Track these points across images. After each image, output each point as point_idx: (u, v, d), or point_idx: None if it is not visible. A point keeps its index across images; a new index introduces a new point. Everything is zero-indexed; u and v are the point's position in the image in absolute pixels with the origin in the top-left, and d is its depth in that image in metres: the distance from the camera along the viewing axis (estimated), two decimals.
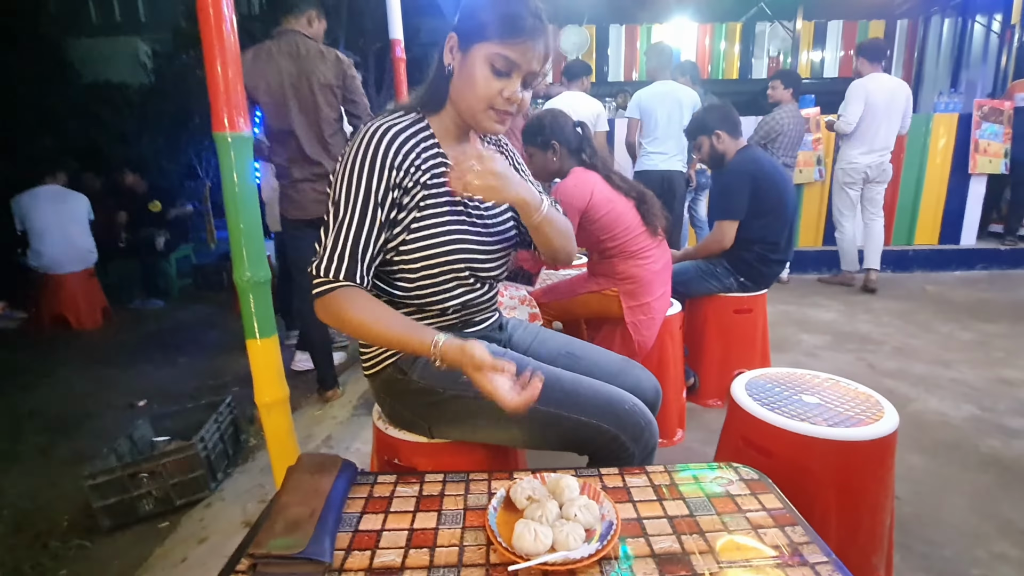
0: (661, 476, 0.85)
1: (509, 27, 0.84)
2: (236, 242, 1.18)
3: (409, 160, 0.89)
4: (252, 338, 1.20)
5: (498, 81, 0.86)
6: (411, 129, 0.91)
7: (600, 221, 1.68)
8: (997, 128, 4.30)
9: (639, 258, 1.72)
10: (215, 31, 1.07)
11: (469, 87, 0.87)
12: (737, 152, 2.13)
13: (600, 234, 1.71)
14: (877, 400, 1.10)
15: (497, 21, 0.85)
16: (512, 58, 0.85)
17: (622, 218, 1.69)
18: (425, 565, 0.67)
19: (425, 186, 0.91)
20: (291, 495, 0.74)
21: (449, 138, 0.96)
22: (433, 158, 0.93)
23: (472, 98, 0.88)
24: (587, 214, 1.68)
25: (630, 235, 1.71)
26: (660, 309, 1.76)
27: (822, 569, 0.66)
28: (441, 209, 0.92)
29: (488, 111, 0.89)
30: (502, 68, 0.86)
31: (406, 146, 0.89)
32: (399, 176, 0.88)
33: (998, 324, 3.10)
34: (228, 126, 1.10)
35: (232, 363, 2.98)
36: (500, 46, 0.85)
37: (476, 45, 0.86)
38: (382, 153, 0.86)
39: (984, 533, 1.44)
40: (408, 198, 0.90)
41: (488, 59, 0.85)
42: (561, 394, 0.94)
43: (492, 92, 0.87)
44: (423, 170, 0.91)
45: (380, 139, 0.87)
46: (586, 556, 0.65)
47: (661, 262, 1.77)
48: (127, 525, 1.64)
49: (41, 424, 2.36)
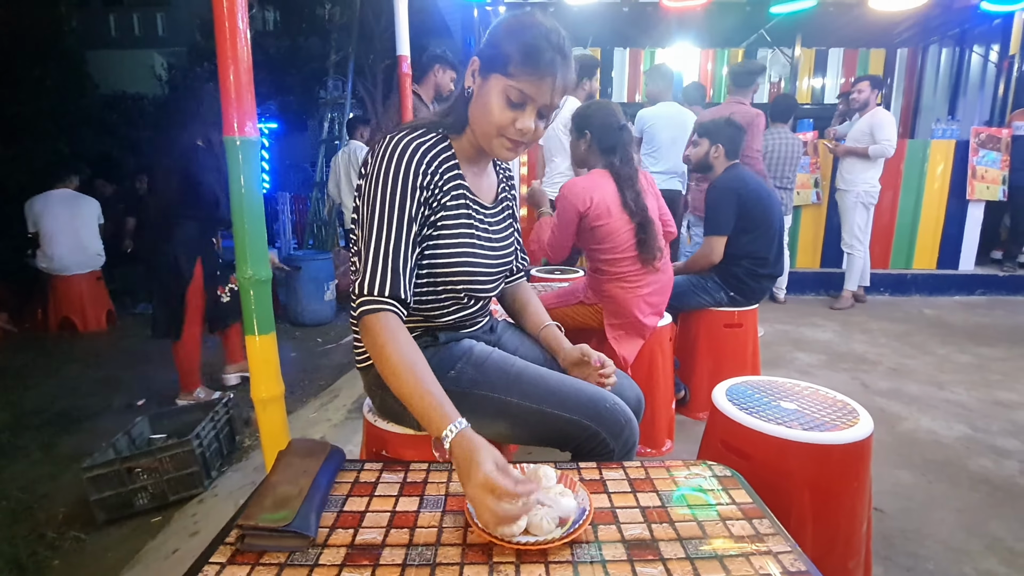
0: (637, 471, 0.88)
1: (526, 61, 0.84)
2: (240, 241, 1.22)
3: (433, 180, 0.90)
4: (251, 335, 1.24)
5: (512, 112, 0.87)
6: (436, 148, 0.92)
7: (594, 231, 1.70)
8: (995, 155, 4.36)
9: (624, 281, 1.72)
10: (229, 41, 1.13)
11: (484, 114, 0.89)
12: (724, 170, 2.20)
13: (591, 243, 1.74)
14: (854, 407, 1.13)
15: (516, 53, 0.85)
16: (527, 92, 0.86)
17: (614, 236, 1.68)
18: (404, 543, 0.70)
19: (444, 207, 0.92)
20: (281, 475, 0.77)
21: (467, 161, 0.98)
22: (453, 180, 0.94)
23: (486, 124, 0.89)
24: (585, 218, 1.69)
25: (619, 255, 1.70)
26: (644, 328, 1.76)
27: (784, 558, 0.68)
28: (455, 232, 0.94)
29: (500, 138, 0.90)
30: (516, 100, 0.86)
31: (432, 165, 0.90)
32: (426, 194, 0.89)
33: (995, 348, 3.11)
34: (237, 130, 1.16)
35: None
36: (516, 79, 0.85)
37: (494, 74, 0.87)
38: (414, 170, 0.87)
39: (971, 550, 1.45)
40: (431, 215, 0.92)
41: (504, 90, 0.86)
42: (545, 391, 0.97)
43: (505, 122, 0.87)
44: (444, 191, 0.92)
45: (411, 155, 0.88)
46: (558, 538, 0.68)
47: (650, 287, 1.74)
48: (122, 519, 1.67)
49: (43, 421, 2.40)
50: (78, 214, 3.82)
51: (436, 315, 1.00)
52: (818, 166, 4.34)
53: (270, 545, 0.68)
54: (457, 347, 1.02)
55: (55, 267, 3.74)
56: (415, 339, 1.02)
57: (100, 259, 3.95)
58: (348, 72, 5.90)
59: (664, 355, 1.89)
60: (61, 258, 3.73)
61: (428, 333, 1.03)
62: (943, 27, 6.13)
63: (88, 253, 3.85)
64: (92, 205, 3.94)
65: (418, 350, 0.85)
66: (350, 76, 5.92)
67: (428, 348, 1.02)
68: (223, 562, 0.66)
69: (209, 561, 0.66)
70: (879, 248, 4.36)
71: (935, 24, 6.02)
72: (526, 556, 0.67)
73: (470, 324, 1.08)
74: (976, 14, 5.26)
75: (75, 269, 3.79)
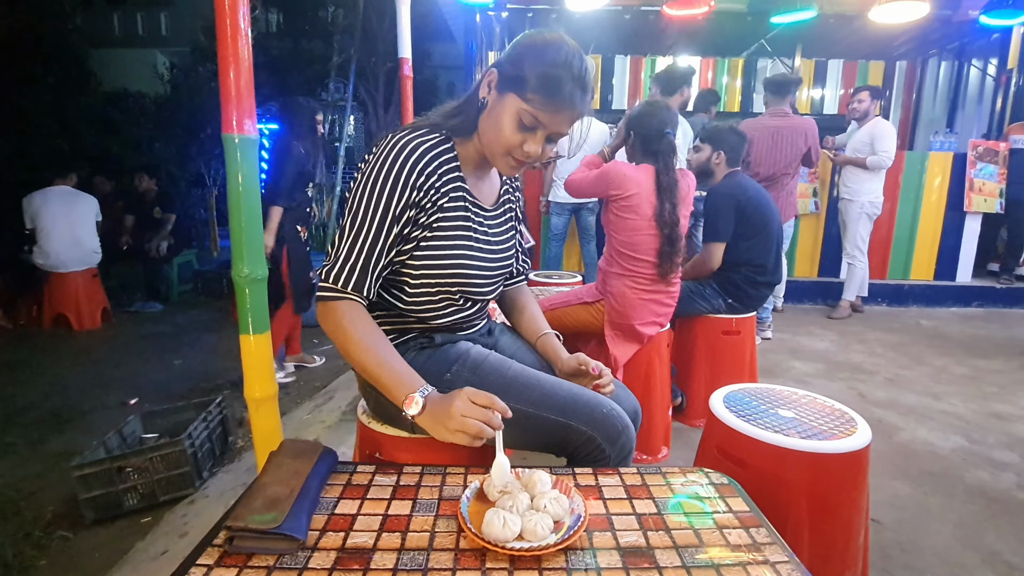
0: (633, 477, 0.87)
1: (546, 90, 0.84)
2: (236, 239, 1.22)
3: (430, 182, 0.89)
4: (246, 334, 1.23)
5: (521, 134, 0.87)
6: (437, 149, 0.91)
7: (621, 220, 1.71)
8: (992, 168, 4.38)
9: (634, 281, 1.74)
10: (231, 39, 1.13)
11: (493, 130, 0.89)
12: (724, 177, 2.20)
13: (615, 230, 1.75)
14: (852, 416, 1.12)
15: (536, 80, 0.84)
16: (541, 120, 0.86)
17: (638, 236, 1.70)
18: (396, 547, 0.69)
19: (441, 209, 0.92)
20: (271, 475, 0.76)
21: (471, 165, 0.98)
22: (453, 182, 0.93)
23: (494, 141, 0.89)
24: (614, 202, 1.71)
25: (638, 255, 1.71)
26: (641, 335, 1.77)
27: (782, 568, 0.67)
28: (452, 234, 0.94)
29: (506, 157, 0.90)
30: (529, 124, 0.86)
31: (430, 167, 0.89)
32: (418, 195, 0.88)
33: (992, 360, 3.11)
34: (236, 128, 1.16)
35: (226, 367, 3.00)
36: (532, 105, 0.85)
37: (511, 94, 0.86)
38: (407, 171, 0.87)
39: (968, 563, 1.44)
40: (424, 217, 0.91)
41: (518, 112, 0.86)
42: (541, 395, 0.96)
43: (514, 143, 0.88)
44: (442, 192, 0.91)
45: (408, 155, 0.87)
46: (551, 544, 0.67)
47: (656, 296, 1.75)
48: (111, 519, 1.65)
49: (35, 418, 2.38)
50: (75, 211, 3.81)
51: (432, 316, 0.99)
52: (817, 175, 4.35)
53: (259, 547, 0.66)
54: (453, 349, 1.01)
55: (51, 263, 3.72)
56: (410, 340, 1.01)
57: (97, 256, 3.93)
58: (350, 75, 5.91)
59: (661, 361, 1.88)
60: (57, 254, 3.71)
61: (424, 335, 1.02)
62: (942, 40, 6.18)
63: (84, 250, 3.83)
64: (90, 202, 3.93)
65: (377, 331, 0.89)
66: (352, 79, 5.93)
67: (424, 350, 1.01)
68: (211, 564, 0.65)
69: (196, 563, 0.65)
70: (877, 259, 4.36)
71: (934, 37, 6.07)
72: (520, 562, 0.66)
73: (467, 326, 1.07)
74: (975, 28, 5.30)
75: (71, 266, 3.77)
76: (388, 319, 1.01)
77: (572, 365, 1.06)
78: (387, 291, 0.98)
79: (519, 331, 1.20)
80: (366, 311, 0.89)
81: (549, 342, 1.13)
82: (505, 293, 1.21)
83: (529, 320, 1.18)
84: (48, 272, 3.74)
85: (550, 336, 1.14)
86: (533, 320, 1.17)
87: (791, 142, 3.21)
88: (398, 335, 1.01)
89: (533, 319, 1.17)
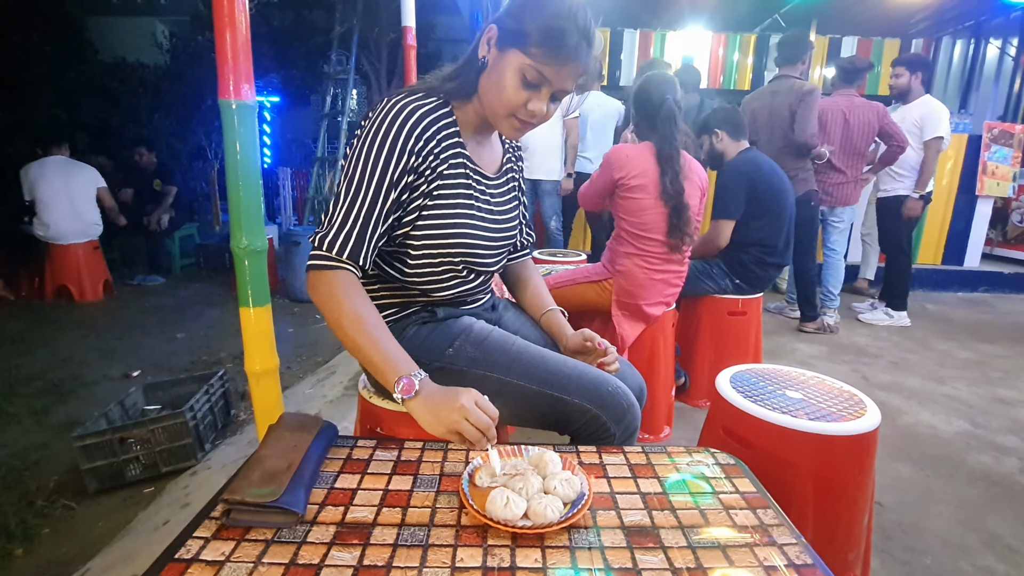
0: (638, 456, 0.85)
1: (550, 43, 0.79)
2: (235, 209, 1.18)
3: (429, 147, 0.85)
4: (245, 306, 1.21)
5: (526, 92, 0.83)
6: (435, 114, 0.87)
7: (627, 202, 1.70)
8: (1007, 151, 4.28)
9: (643, 259, 1.72)
10: (227, 1, 1.08)
11: (496, 89, 0.84)
12: (738, 153, 2.14)
13: (622, 211, 1.73)
14: (861, 399, 1.10)
15: (539, 33, 0.79)
16: (546, 75, 0.81)
17: (646, 214, 1.69)
18: (396, 522, 0.67)
19: (441, 176, 0.88)
20: (270, 449, 0.75)
21: (470, 130, 0.94)
22: (452, 147, 0.89)
23: (496, 101, 0.85)
24: (619, 187, 1.71)
25: (647, 233, 1.70)
26: (648, 315, 1.76)
27: (790, 550, 0.66)
28: (452, 202, 0.90)
29: (510, 118, 0.86)
30: (533, 81, 0.82)
31: (428, 132, 0.85)
32: (417, 161, 0.85)
33: (998, 345, 3.09)
34: (233, 93, 1.11)
35: (228, 340, 3.00)
36: (536, 60, 0.80)
37: (512, 49, 0.82)
38: (404, 136, 0.83)
39: (969, 546, 1.44)
40: (424, 184, 0.87)
41: (521, 68, 0.81)
42: (546, 372, 0.94)
43: (517, 102, 0.84)
44: (441, 159, 0.88)
45: (405, 119, 0.83)
46: (555, 522, 0.65)
47: (666, 274, 1.74)
48: (113, 489, 1.66)
49: (37, 389, 2.38)
50: (73, 181, 3.77)
51: (434, 289, 0.97)
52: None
53: (256, 520, 0.65)
54: (456, 324, 0.99)
55: (51, 235, 3.69)
56: (412, 314, 0.99)
57: (98, 228, 3.90)
58: (352, 46, 5.77)
59: (666, 341, 1.86)
60: (57, 226, 3.68)
61: (426, 309, 1.00)
62: (960, 18, 5.99)
63: (84, 222, 3.80)
64: (89, 172, 3.89)
65: (374, 307, 0.84)
66: (354, 50, 5.79)
67: (426, 324, 0.99)
68: (208, 536, 0.63)
69: (193, 535, 0.63)
70: None
71: (952, 15, 5.89)
72: (522, 539, 0.65)
73: (470, 300, 1.04)
74: (995, 6, 5.14)
75: (72, 238, 3.75)
76: (390, 292, 0.98)
77: (578, 341, 1.03)
78: (388, 263, 0.95)
79: (523, 306, 1.17)
80: (360, 283, 0.85)
81: (554, 318, 1.10)
82: (509, 267, 1.18)
83: (533, 295, 1.15)
84: (49, 244, 3.72)
85: (555, 312, 1.11)
86: (538, 295, 1.15)
87: (865, 120, 3.00)
88: (400, 309, 0.99)
89: (538, 294, 1.15)
